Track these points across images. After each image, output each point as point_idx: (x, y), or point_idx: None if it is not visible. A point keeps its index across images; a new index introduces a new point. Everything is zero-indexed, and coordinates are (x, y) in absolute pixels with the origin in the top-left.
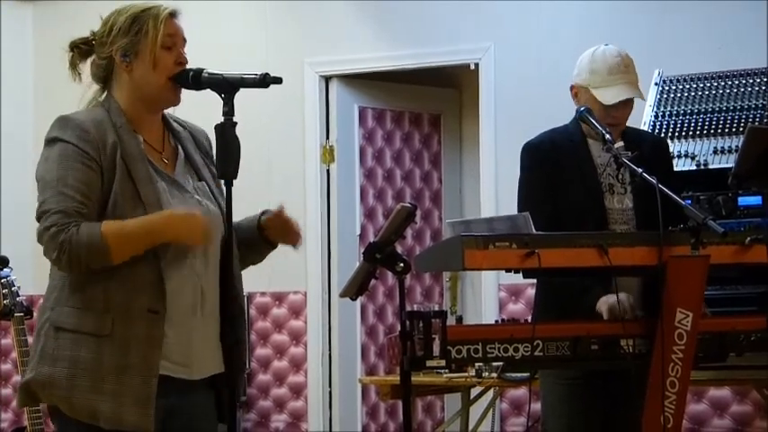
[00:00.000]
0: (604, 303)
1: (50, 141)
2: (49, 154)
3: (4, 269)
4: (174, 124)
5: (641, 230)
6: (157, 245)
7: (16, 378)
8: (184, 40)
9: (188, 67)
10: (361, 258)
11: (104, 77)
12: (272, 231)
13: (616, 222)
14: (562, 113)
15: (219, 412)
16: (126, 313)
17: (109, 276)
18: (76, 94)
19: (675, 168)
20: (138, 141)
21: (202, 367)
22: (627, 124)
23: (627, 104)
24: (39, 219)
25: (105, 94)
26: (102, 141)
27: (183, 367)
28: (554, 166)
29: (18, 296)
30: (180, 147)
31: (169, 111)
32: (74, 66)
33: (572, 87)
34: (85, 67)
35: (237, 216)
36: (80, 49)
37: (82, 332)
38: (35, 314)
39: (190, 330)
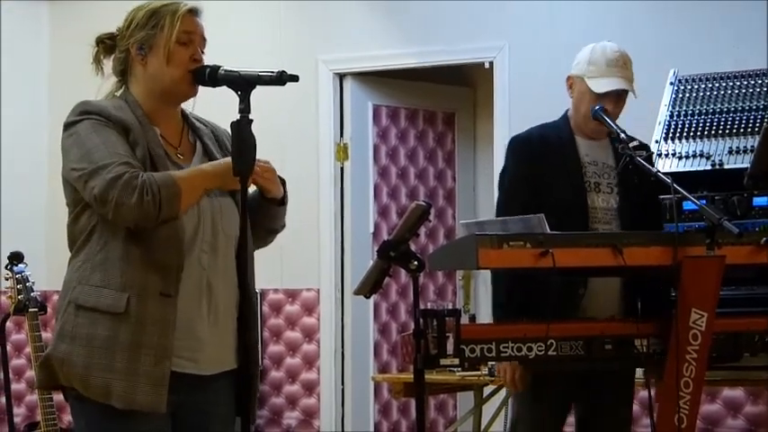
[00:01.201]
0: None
1: (73, 122)
2: (77, 129)
3: (19, 265)
4: (195, 121)
5: (624, 231)
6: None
7: (30, 373)
8: (204, 39)
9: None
10: (375, 256)
11: (122, 71)
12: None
13: (599, 222)
14: None
15: (237, 407)
16: (141, 293)
17: (128, 257)
18: (92, 92)
19: (690, 168)
20: (154, 133)
21: (213, 363)
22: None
23: (619, 101)
24: (90, 176)
25: (123, 88)
26: (124, 123)
27: (191, 362)
28: (540, 161)
29: (32, 292)
30: (199, 142)
31: (190, 110)
32: (98, 60)
33: (568, 78)
34: (109, 63)
35: None
36: (105, 44)
37: (99, 310)
38: (49, 309)
39: (195, 323)
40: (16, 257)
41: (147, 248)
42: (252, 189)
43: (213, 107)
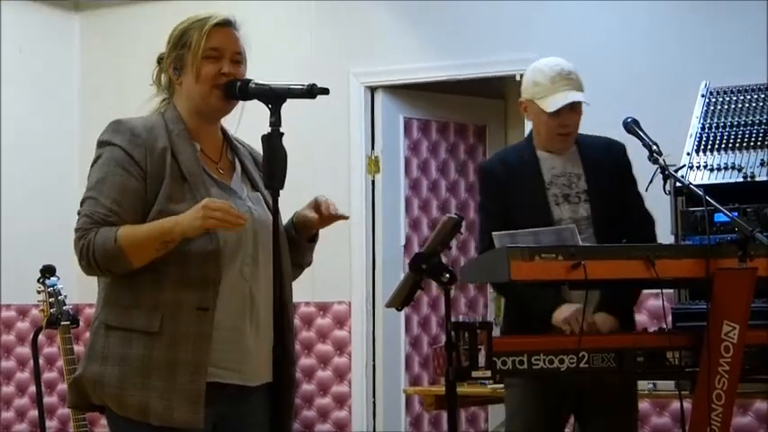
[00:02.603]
0: (559, 315)
1: (101, 144)
2: (98, 156)
3: (51, 278)
4: (234, 141)
5: (599, 238)
6: (171, 246)
7: (62, 386)
8: (238, 53)
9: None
10: (407, 269)
11: (168, 88)
12: (315, 226)
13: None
14: (606, 124)
15: (272, 422)
16: (175, 311)
17: (159, 275)
18: (122, 103)
19: (722, 180)
20: (194, 149)
21: (256, 374)
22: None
23: (574, 111)
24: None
25: (170, 104)
26: (151, 146)
27: (236, 373)
28: (504, 185)
29: (64, 305)
30: (237, 160)
31: (234, 129)
32: (159, 80)
33: (521, 103)
34: None
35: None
36: (160, 64)
37: (132, 330)
38: (81, 323)
39: (241, 334)
40: (48, 271)
41: (182, 265)
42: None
43: (244, 121)
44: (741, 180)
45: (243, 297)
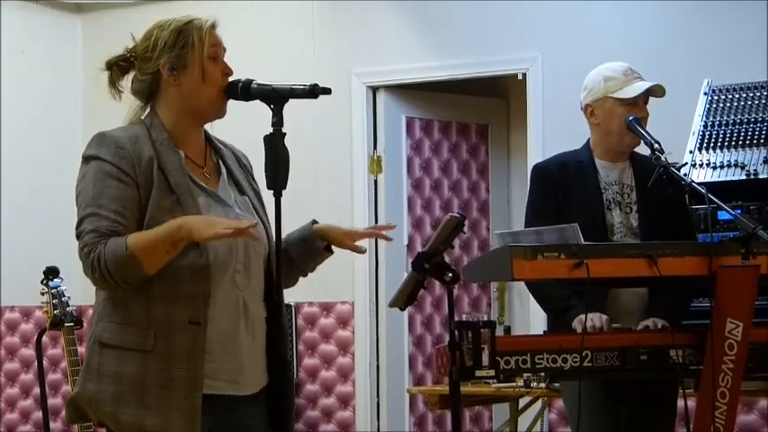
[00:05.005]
0: (578, 323)
1: (87, 159)
2: (86, 172)
3: (54, 279)
4: (216, 142)
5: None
6: (180, 247)
7: (66, 388)
8: (224, 50)
9: (235, 77)
10: (410, 268)
11: (149, 93)
12: (337, 242)
13: (625, 237)
14: None
15: (273, 425)
16: (167, 328)
17: (150, 291)
18: (125, 104)
19: (725, 178)
20: (178, 156)
21: (250, 383)
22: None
23: (645, 105)
24: (77, 238)
25: (148, 110)
26: (137, 157)
27: (232, 383)
28: (558, 186)
29: (68, 306)
30: (221, 163)
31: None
32: (113, 84)
33: (586, 108)
34: (125, 85)
35: (284, 226)
36: (119, 67)
37: (125, 348)
38: (85, 324)
39: (236, 345)
40: (52, 272)
41: (172, 281)
42: (296, 231)
43: (242, 121)
44: (744, 178)
45: (236, 307)
